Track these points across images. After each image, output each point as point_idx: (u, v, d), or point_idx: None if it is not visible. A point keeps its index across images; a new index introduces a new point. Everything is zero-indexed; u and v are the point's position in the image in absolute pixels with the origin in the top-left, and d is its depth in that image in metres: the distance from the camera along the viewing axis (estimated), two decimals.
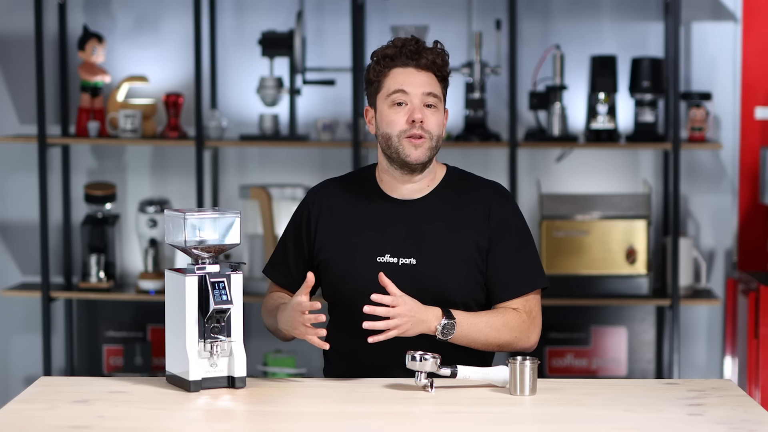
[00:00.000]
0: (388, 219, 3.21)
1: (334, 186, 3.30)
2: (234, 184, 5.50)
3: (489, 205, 3.20)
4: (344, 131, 5.34)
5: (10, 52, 5.50)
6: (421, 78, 3.15)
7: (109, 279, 5.32)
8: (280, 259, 3.33)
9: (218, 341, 2.94)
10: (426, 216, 3.20)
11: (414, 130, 3.13)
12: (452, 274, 3.16)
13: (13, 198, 5.56)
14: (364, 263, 3.17)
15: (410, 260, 3.16)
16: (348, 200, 3.26)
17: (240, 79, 5.45)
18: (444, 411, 2.83)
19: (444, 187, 3.23)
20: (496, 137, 5.21)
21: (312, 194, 3.31)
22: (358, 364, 3.18)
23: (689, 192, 5.40)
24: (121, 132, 5.23)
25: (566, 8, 5.38)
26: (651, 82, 5.15)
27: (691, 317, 5.43)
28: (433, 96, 3.15)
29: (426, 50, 3.16)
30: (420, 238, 3.17)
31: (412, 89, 3.14)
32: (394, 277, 3.10)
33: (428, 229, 3.18)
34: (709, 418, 2.75)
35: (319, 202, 3.27)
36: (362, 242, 3.20)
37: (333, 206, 3.26)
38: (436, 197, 3.22)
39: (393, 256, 3.17)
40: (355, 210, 3.24)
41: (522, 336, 3.16)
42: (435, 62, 3.15)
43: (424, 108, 3.14)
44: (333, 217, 3.25)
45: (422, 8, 5.37)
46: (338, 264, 3.21)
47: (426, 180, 3.22)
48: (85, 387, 3.02)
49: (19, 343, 5.61)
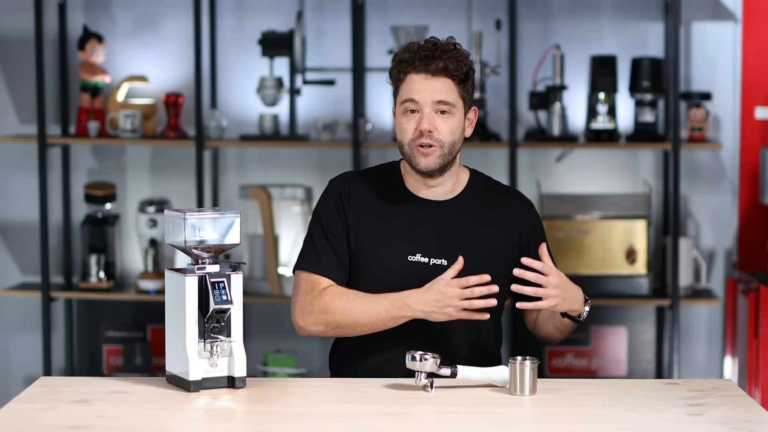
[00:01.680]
0: (418, 219, 3.20)
1: (358, 179, 3.27)
2: (234, 184, 5.50)
3: (519, 220, 3.26)
4: (344, 131, 5.34)
5: (10, 52, 5.50)
6: (433, 85, 3.13)
7: (109, 279, 5.32)
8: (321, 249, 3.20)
9: (218, 341, 2.94)
10: (455, 218, 3.20)
11: (422, 139, 3.13)
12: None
13: (13, 198, 5.57)
14: (395, 262, 3.17)
15: (441, 261, 3.17)
16: (374, 196, 3.23)
17: (240, 79, 5.45)
18: (444, 411, 2.83)
19: (471, 191, 3.25)
20: (496, 137, 5.21)
21: (340, 181, 3.26)
22: (376, 361, 3.18)
23: (689, 192, 5.40)
24: (121, 132, 5.23)
25: (566, 8, 5.38)
26: (651, 82, 5.15)
27: (691, 317, 5.43)
28: (445, 103, 3.13)
29: (440, 55, 3.12)
30: (450, 239, 3.18)
31: (422, 97, 3.13)
32: (423, 278, 3.11)
33: (458, 231, 3.19)
34: (709, 418, 2.75)
35: (348, 191, 3.23)
36: (393, 240, 3.19)
37: (360, 199, 3.23)
38: (464, 200, 3.23)
39: (424, 255, 3.17)
40: (384, 207, 3.22)
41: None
42: (447, 67, 3.12)
43: (437, 115, 3.13)
44: (360, 212, 3.21)
45: (422, 8, 5.37)
46: (368, 260, 3.19)
47: (449, 183, 3.22)
48: (85, 387, 3.02)
49: (19, 343, 5.61)
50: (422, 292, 3.09)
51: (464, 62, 3.14)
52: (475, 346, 3.22)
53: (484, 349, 3.24)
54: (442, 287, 3.06)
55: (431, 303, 3.07)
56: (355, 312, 3.13)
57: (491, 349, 3.27)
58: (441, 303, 3.07)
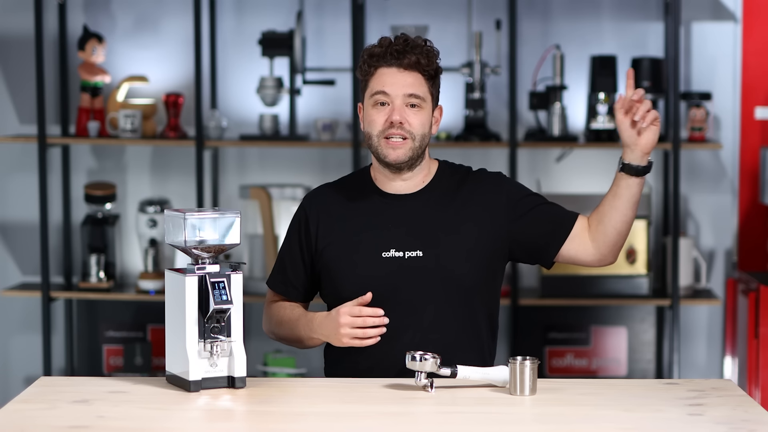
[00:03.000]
0: (389, 214, 3.22)
1: (330, 190, 3.32)
2: (234, 184, 5.50)
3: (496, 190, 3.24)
4: (344, 131, 5.34)
5: (10, 52, 5.50)
6: (404, 78, 3.17)
7: (109, 279, 5.32)
8: (279, 266, 3.35)
9: (218, 341, 2.94)
10: (426, 208, 3.22)
11: (392, 130, 3.16)
12: (459, 262, 3.17)
13: (13, 198, 5.57)
14: (370, 261, 3.18)
15: (416, 252, 3.18)
16: (346, 202, 3.27)
17: (240, 79, 5.46)
18: (444, 411, 2.83)
19: (439, 180, 3.26)
20: (496, 137, 5.21)
21: (309, 199, 3.32)
22: (362, 363, 3.18)
23: (689, 192, 5.40)
24: (121, 132, 5.23)
25: (566, 8, 5.38)
26: (651, 82, 5.15)
27: (691, 317, 5.43)
28: (416, 97, 3.16)
29: (411, 49, 3.16)
30: (423, 230, 3.20)
31: (393, 90, 3.16)
32: (401, 271, 3.14)
33: (430, 220, 3.21)
34: (709, 418, 2.75)
35: (317, 207, 3.29)
36: (365, 240, 3.21)
37: (332, 210, 3.27)
38: (433, 190, 3.25)
39: (398, 250, 3.19)
40: (355, 210, 3.25)
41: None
42: (419, 62, 3.16)
43: (407, 108, 3.17)
44: (333, 220, 3.26)
45: (422, 8, 5.37)
46: (343, 264, 3.22)
47: (420, 176, 3.24)
48: (85, 387, 3.02)
49: (19, 343, 5.61)
50: (323, 317, 3.17)
51: (434, 59, 3.19)
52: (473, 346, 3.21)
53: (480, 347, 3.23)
54: (336, 315, 3.11)
55: (328, 328, 3.14)
56: (284, 328, 3.30)
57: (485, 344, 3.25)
58: (335, 330, 3.12)
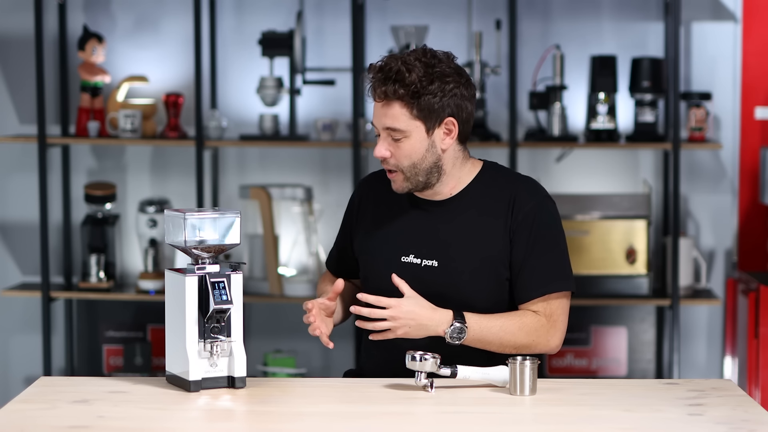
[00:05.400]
0: (416, 219, 3.18)
1: (380, 178, 3.28)
2: (234, 184, 5.50)
3: (514, 199, 3.13)
4: (344, 131, 5.34)
5: (10, 52, 5.50)
6: (384, 111, 3.08)
7: (109, 279, 5.32)
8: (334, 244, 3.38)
9: (218, 341, 2.94)
10: (451, 217, 3.16)
11: (382, 164, 3.14)
12: (473, 278, 3.12)
13: (13, 198, 5.57)
14: (390, 262, 3.16)
15: (432, 262, 3.14)
16: (386, 195, 3.23)
17: (240, 79, 5.46)
18: (444, 411, 2.83)
19: (474, 187, 3.18)
20: (496, 137, 5.21)
21: (364, 182, 3.33)
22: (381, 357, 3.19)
23: (689, 192, 5.40)
24: (121, 132, 5.23)
25: (566, 8, 5.38)
26: (651, 82, 5.15)
27: (691, 317, 5.43)
28: (393, 130, 3.07)
29: (383, 81, 3.05)
30: (443, 240, 3.14)
31: (377, 123, 3.11)
32: (416, 278, 3.10)
33: (452, 230, 3.15)
34: (709, 418, 2.75)
35: (366, 192, 3.29)
36: (389, 240, 3.19)
37: (373, 199, 3.26)
38: (464, 198, 3.17)
39: (417, 257, 3.15)
40: (390, 208, 3.22)
41: (540, 340, 3.10)
42: (396, 92, 3.03)
43: (390, 140, 3.09)
44: (371, 211, 3.25)
45: (422, 8, 5.37)
46: (369, 261, 3.22)
47: (448, 187, 3.16)
48: (85, 387, 3.02)
49: (19, 343, 5.61)
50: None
51: (411, 83, 3.02)
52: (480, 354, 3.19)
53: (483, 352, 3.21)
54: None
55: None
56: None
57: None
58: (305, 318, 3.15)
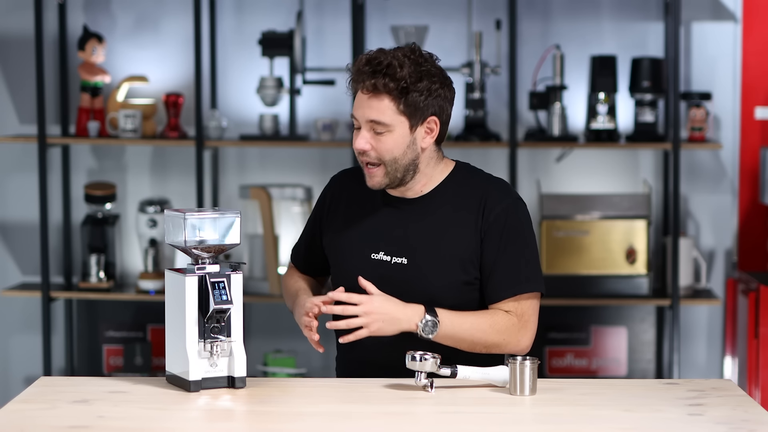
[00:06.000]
0: (387, 217, 3.18)
1: (351, 176, 3.27)
2: (234, 184, 5.50)
3: (485, 200, 3.12)
4: (344, 131, 5.34)
5: (10, 52, 5.50)
6: (369, 103, 3.05)
7: (109, 279, 5.32)
8: (300, 238, 3.38)
9: (218, 341, 2.94)
10: (422, 215, 3.15)
11: (362, 156, 3.10)
12: (442, 276, 3.11)
13: (13, 198, 5.57)
14: (360, 259, 3.17)
15: (402, 259, 3.13)
16: (357, 192, 3.22)
17: (240, 79, 5.46)
18: (444, 411, 2.83)
19: (446, 185, 3.17)
20: (496, 137, 5.21)
21: (335, 180, 3.32)
22: (351, 357, 3.20)
23: (689, 192, 5.40)
24: (121, 132, 5.23)
25: (566, 8, 5.38)
26: (651, 82, 5.15)
27: (691, 317, 5.43)
28: (377, 123, 3.05)
29: (372, 73, 3.02)
30: (413, 237, 3.14)
31: (360, 114, 3.07)
32: (385, 276, 3.10)
33: (422, 228, 3.14)
34: (709, 418, 2.75)
35: (338, 189, 3.27)
36: (360, 237, 3.19)
37: (344, 197, 3.25)
38: (436, 196, 3.16)
39: (387, 254, 3.14)
40: (362, 204, 3.22)
41: (511, 339, 3.09)
42: (386, 85, 3.01)
43: (373, 133, 3.07)
44: (341, 208, 3.24)
45: (422, 8, 5.37)
46: (338, 257, 3.22)
47: (419, 185, 3.15)
48: (85, 387, 3.02)
49: (19, 343, 5.61)
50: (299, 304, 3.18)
51: (401, 78, 3.00)
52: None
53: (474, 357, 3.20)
54: (302, 308, 3.14)
55: (296, 316, 3.18)
56: (287, 300, 3.35)
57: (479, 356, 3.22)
58: (298, 319, 3.15)
